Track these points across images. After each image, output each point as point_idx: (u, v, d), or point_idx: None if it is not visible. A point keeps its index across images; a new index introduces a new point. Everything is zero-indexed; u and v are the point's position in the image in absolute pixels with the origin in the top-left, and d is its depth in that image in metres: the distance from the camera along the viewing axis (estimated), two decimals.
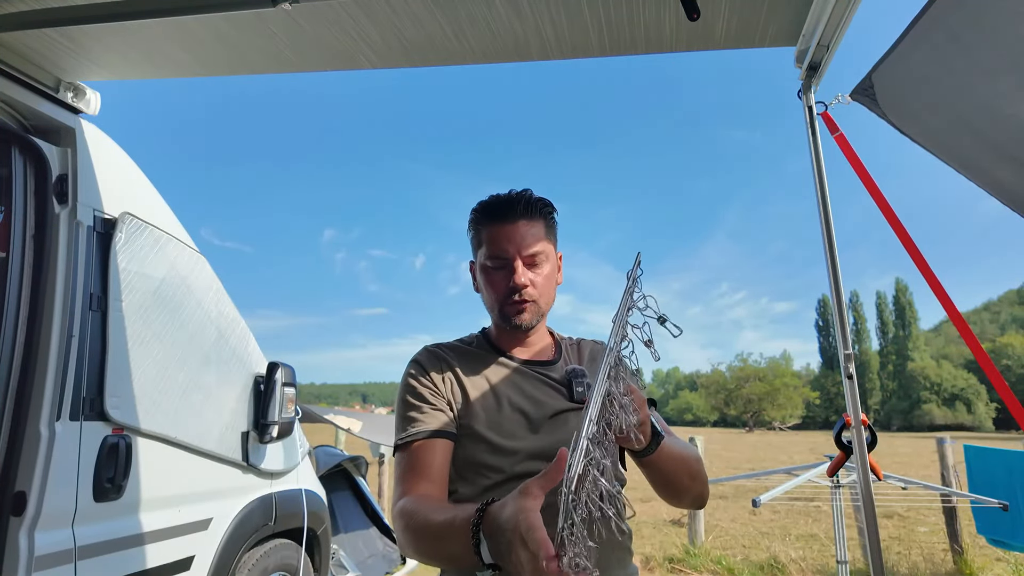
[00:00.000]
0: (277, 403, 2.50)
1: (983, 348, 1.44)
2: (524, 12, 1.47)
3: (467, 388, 1.09)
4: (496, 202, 1.12)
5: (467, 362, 1.14)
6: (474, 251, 1.17)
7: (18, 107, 1.73)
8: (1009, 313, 61.26)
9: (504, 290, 1.09)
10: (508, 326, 1.12)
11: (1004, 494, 3.33)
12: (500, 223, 1.09)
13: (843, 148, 1.59)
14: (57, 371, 1.66)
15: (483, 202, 1.15)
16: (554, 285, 1.16)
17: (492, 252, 1.10)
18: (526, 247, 1.08)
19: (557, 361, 1.17)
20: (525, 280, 1.08)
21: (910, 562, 5.02)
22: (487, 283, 1.12)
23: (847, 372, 1.50)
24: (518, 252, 1.08)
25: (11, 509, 1.55)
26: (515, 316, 1.10)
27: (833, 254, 1.55)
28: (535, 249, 1.09)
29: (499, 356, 1.15)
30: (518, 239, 1.08)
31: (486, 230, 1.11)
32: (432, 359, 1.13)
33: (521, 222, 1.09)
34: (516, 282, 1.07)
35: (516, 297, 1.08)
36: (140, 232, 1.99)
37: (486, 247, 1.11)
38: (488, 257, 1.10)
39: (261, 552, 2.50)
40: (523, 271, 1.08)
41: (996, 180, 1.52)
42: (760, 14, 1.46)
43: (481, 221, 1.13)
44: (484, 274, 1.13)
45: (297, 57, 1.69)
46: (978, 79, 1.31)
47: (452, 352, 1.15)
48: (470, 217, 1.16)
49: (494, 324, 1.19)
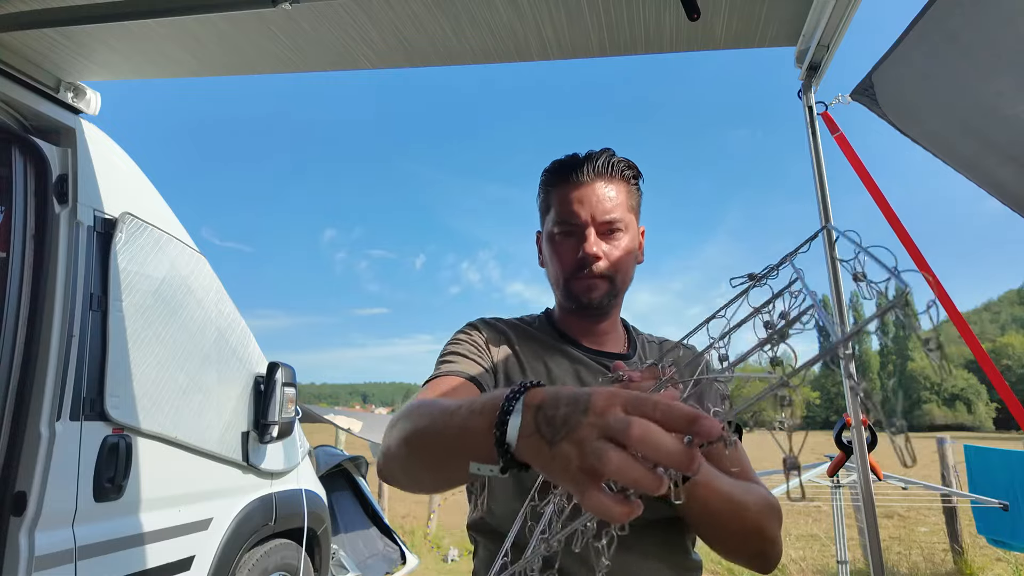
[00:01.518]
0: (277, 403, 2.50)
1: (983, 348, 1.44)
2: (524, 12, 1.47)
3: (517, 365, 0.95)
4: (569, 161, 0.97)
5: (525, 342, 0.98)
6: (541, 218, 1.01)
7: (18, 107, 1.73)
8: (1009, 313, 61.24)
9: (572, 262, 0.93)
10: (574, 305, 0.96)
11: (1004, 494, 3.33)
12: (573, 183, 0.94)
13: (843, 148, 1.59)
14: (57, 371, 1.66)
15: (555, 161, 0.99)
16: (633, 263, 0.98)
17: (561, 216, 0.94)
18: (602, 212, 0.92)
19: (631, 357, 1.01)
20: (598, 250, 0.92)
21: (910, 562, 5.02)
22: (553, 253, 0.96)
23: (847, 372, 1.50)
24: (591, 217, 0.92)
25: (11, 509, 1.55)
26: (583, 293, 0.94)
27: (833, 254, 1.55)
28: (613, 216, 0.93)
29: (562, 341, 0.99)
30: (592, 202, 0.92)
31: (556, 191, 0.96)
32: (489, 329, 0.99)
33: (598, 183, 0.93)
34: (587, 251, 0.91)
35: (586, 271, 0.92)
36: (140, 232, 1.99)
37: (555, 211, 0.95)
38: (556, 222, 0.95)
39: (261, 552, 2.50)
40: (596, 240, 0.92)
41: (996, 180, 1.52)
42: (760, 14, 1.46)
43: (551, 181, 0.98)
44: (550, 243, 0.97)
45: (297, 57, 1.69)
46: (978, 79, 1.31)
47: (511, 328, 1.00)
48: (540, 179, 1.01)
49: (558, 304, 1.03)
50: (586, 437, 0.41)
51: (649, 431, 0.39)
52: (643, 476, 0.39)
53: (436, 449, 0.62)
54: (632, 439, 0.39)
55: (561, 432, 0.43)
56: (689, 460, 0.39)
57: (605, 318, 0.99)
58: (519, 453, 0.47)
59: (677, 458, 0.39)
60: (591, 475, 0.41)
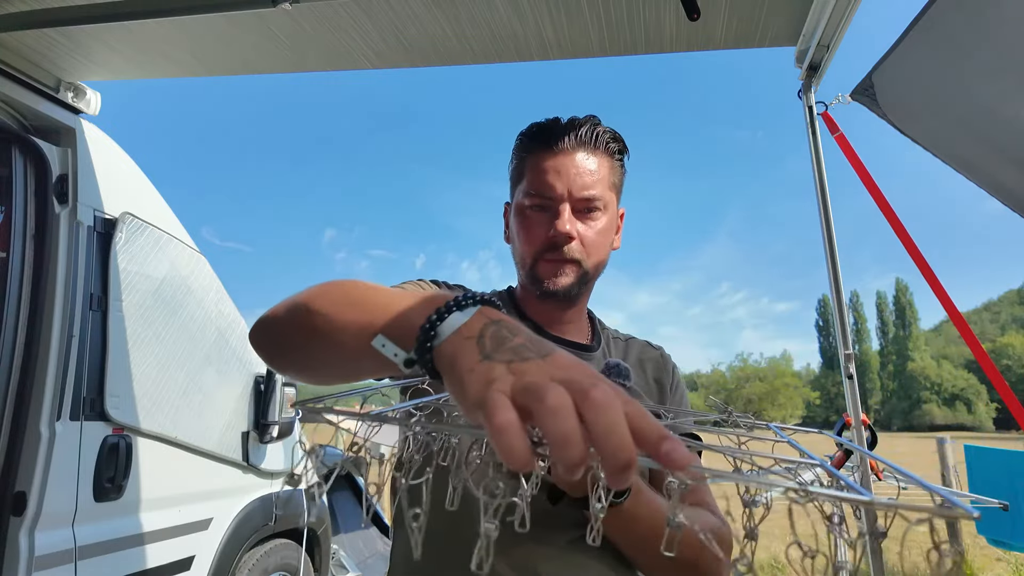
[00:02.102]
0: (277, 403, 2.50)
1: (983, 348, 1.44)
2: (524, 12, 1.47)
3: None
4: (549, 125, 0.85)
5: None
6: (512, 187, 0.90)
7: (18, 107, 1.73)
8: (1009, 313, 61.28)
9: (542, 240, 0.82)
10: (538, 290, 0.85)
11: (1004, 494, 3.33)
12: (550, 151, 0.82)
13: (843, 148, 1.59)
14: (57, 371, 1.66)
15: (534, 123, 0.87)
16: (608, 247, 0.88)
17: (533, 186, 0.83)
18: (580, 187, 0.81)
19: (595, 350, 0.91)
20: (571, 229, 0.81)
21: (910, 562, 5.02)
22: (520, 228, 0.85)
23: (847, 372, 1.50)
24: (568, 191, 0.81)
25: (11, 509, 1.55)
26: (549, 278, 0.83)
27: (833, 254, 1.55)
28: (592, 192, 0.82)
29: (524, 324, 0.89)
30: (571, 174, 0.81)
31: (531, 158, 0.85)
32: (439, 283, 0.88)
33: (579, 154, 0.82)
34: (559, 229, 0.80)
35: (556, 252, 0.82)
36: (140, 232, 1.99)
37: (528, 180, 0.84)
38: (528, 193, 0.83)
39: (261, 552, 2.50)
40: (570, 217, 0.81)
41: (996, 180, 1.52)
42: (760, 14, 1.46)
43: (527, 146, 0.86)
44: (519, 216, 0.86)
45: (297, 57, 1.69)
46: (978, 79, 1.31)
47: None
48: (515, 143, 0.89)
49: (521, 285, 0.92)
50: (531, 371, 0.34)
51: (613, 407, 0.32)
52: (573, 433, 0.30)
53: (341, 317, 0.49)
54: (591, 404, 0.31)
55: (504, 355, 0.36)
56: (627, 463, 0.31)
57: (571, 306, 0.89)
58: (440, 353, 0.39)
59: (623, 453, 0.31)
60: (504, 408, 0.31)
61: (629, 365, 0.88)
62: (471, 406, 0.34)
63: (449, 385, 0.38)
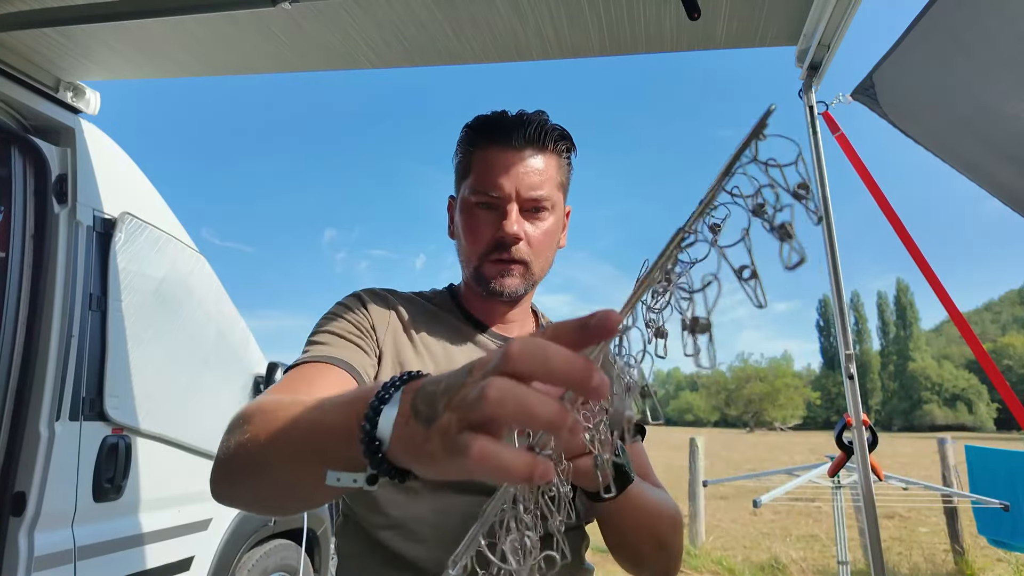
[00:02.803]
0: None
1: (984, 348, 1.44)
2: (524, 12, 1.47)
3: (411, 348, 0.81)
4: (498, 119, 0.83)
5: (421, 319, 0.85)
6: (457, 182, 0.87)
7: (18, 107, 1.73)
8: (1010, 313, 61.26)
9: (488, 240, 0.81)
10: (484, 290, 0.83)
11: (1005, 494, 3.32)
12: (498, 147, 0.81)
13: (844, 148, 1.59)
14: (57, 371, 1.66)
15: (480, 116, 0.85)
16: (555, 246, 0.87)
17: (481, 185, 0.81)
18: (528, 186, 0.80)
19: None
20: (519, 230, 0.80)
21: (911, 563, 5.01)
22: (466, 226, 0.83)
23: (848, 372, 1.49)
24: (516, 191, 0.79)
25: (11, 509, 1.55)
26: (495, 279, 0.82)
27: (834, 254, 1.55)
28: (540, 193, 0.81)
29: (467, 323, 0.88)
30: (519, 173, 0.80)
31: (478, 154, 0.83)
32: (378, 302, 0.85)
33: (527, 151, 0.81)
34: (506, 231, 0.79)
35: (503, 254, 0.81)
36: (140, 232, 1.99)
37: (474, 177, 0.82)
38: (474, 191, 0.81)
39: (261, 552, 2.50)
40: (517, 218, 0.80)
41: (997, 180, 1.52)
42: (761, 14, 1.46)
43: (474, 141, 0.84)
44: (465, 214, 0.83)
45: (297, 57, 1.69)
46: (979, 79, 1.30)
47: (406, 304, 0.87)
48: (460, 135, 0.87)
49: (465, 283, 0.90)
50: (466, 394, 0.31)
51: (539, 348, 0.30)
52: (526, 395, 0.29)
53: (282, 456, 0.48)
54: (519, 361, 0.30)
55: (440, 404, 0.33)
56: (562, 418, 0.30)
57: (516, 305, 0.89)
58: (393, 453, 0.36)
59: (580, 371, 0.30)
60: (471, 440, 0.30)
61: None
62: (453, 467, 0.32)
63: (421, 470, 0.36)
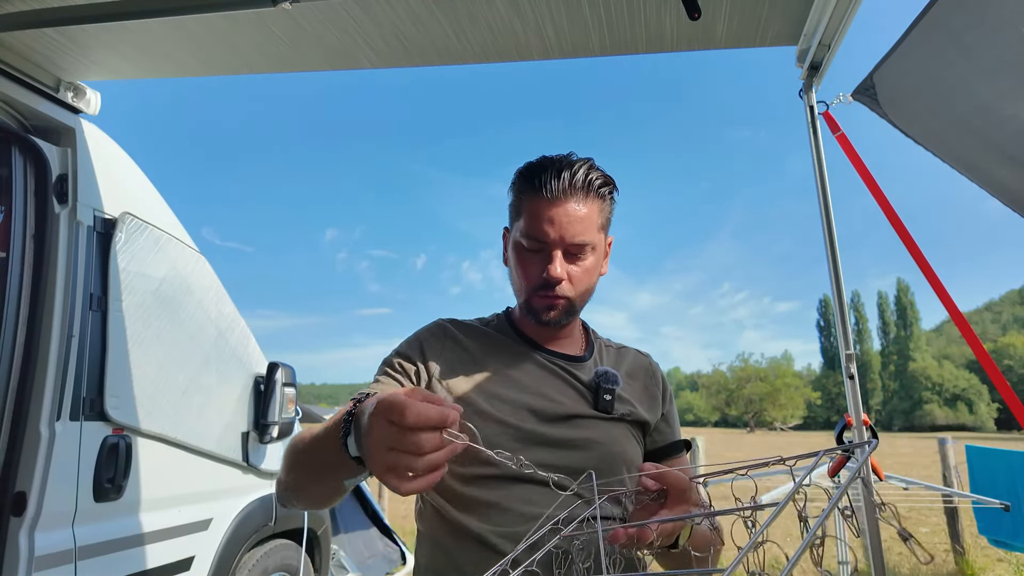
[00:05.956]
0: (277, 403, 2.50)
1: (985, 348, 1.44)
2: (524, 11, 1.47)
3: (470, 371, 0.96)
4: (544, 170, 0.93)
5: (481, 345, 1.01)
6: (511, 219, 1.00)
7: (18, 107, 1.73)
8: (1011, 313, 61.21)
9: (536, 279, 0.94)
10: (535, 321, 0.98)
11: (1006, 494, 3.32)
12: (545, 199, 0.92)
13: (844, 148, 1.59)
14: (57, 371, 1.66)
15: (530, 164, 0.97)
16: (596, 278, 1.00)
17: (530, 231, 0.93)
18: (571, 235, 0.91)
19: (586, 359, 1.02)
20: (561, 272, 0.92)
21: (911, 563, 5.01)
22: (518, 264, 0.97)
23: (848, 372, 1.49)
24: (560, 239, 0.91)
25: (11, 509, 1.55)
26: (543, 312, 0.95)
27: (835, 254, 1.55)
28: (582, 239, 0.92)
29: (522, 343, 1.02)
30: (564, 223, 0.91)
31: (527, 201, 0.94)
32: (435, 338, 1.01)
33: (571, 203, 0.91)
34: (551, 274, 0.91)
35: (549, 291, 0.93)
36: (140, 232, 1.99)
37: (524, 222, 0.94)
38: (524, 235, 0.94)
39: (261, 552, 2.50)
40: (561, 263, 0.92)
41: (997, 180, 1.51)
42: (761, 14, 1.46)
43: (523, 189, 0.96)
44: (516, 253, 0.97)
45: (297, 57, 1.69)
46: (979, 79, 1.30)
47: (468, 332, 1.03)
48: (513, 179, 0.99)
49: (519, 307, 1.04)
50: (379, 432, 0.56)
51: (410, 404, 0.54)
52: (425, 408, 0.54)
53: (312, 469, 0.76)
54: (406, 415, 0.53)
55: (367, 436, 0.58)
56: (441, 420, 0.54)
57: (564, 327, 1.03)
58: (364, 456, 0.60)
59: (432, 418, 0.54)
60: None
61: (622, 373, 1.00)
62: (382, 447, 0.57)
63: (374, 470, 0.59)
